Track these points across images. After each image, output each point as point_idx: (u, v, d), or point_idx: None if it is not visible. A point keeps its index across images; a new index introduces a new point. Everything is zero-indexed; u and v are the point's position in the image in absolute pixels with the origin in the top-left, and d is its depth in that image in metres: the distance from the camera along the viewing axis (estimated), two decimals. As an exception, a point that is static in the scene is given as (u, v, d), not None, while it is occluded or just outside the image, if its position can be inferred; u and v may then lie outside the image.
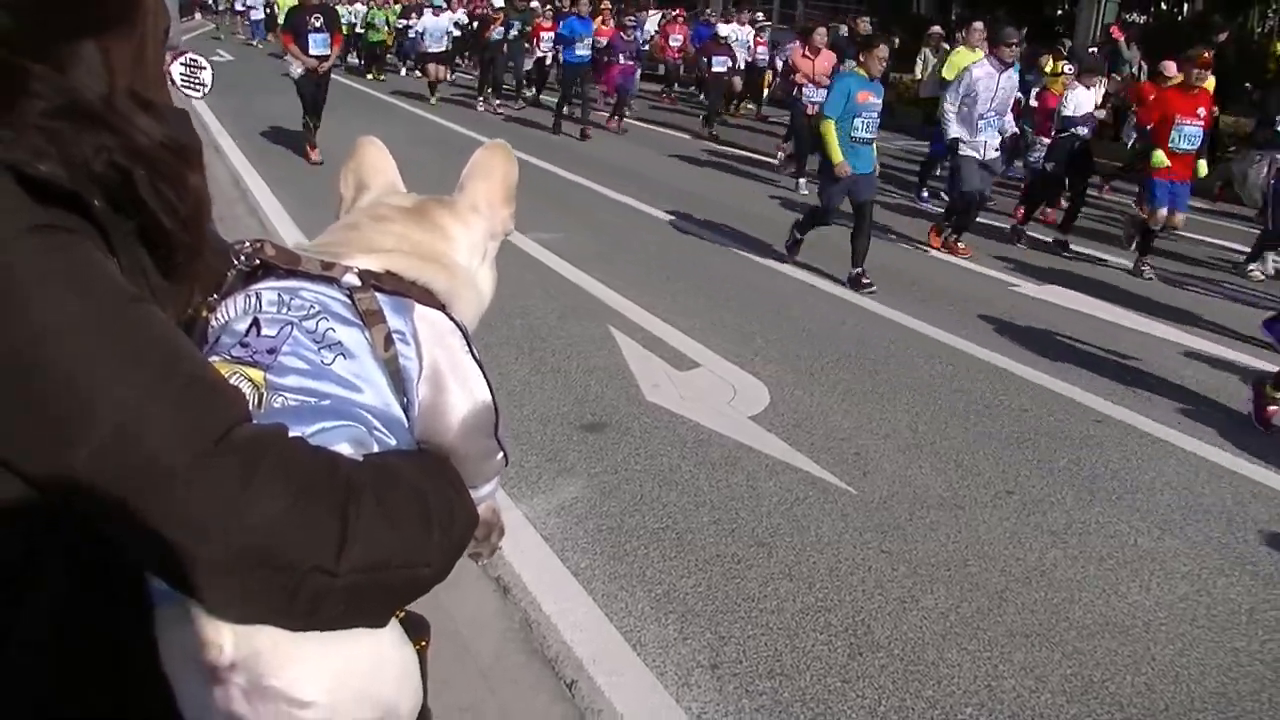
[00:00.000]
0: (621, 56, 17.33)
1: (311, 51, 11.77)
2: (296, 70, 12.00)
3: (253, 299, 1.03)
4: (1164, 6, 21.95)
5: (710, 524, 4.16)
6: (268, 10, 29.91)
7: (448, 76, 20.56)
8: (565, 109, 16.49)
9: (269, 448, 0.83)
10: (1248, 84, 14.58)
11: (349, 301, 1.04)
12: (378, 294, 1.06)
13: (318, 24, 11.86)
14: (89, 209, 0.79)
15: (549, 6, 20.55)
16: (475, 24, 20.94)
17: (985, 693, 3.24)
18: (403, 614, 1.11)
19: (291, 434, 0.88)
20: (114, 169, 0.82)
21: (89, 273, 0.78)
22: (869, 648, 3.42)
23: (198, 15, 42.99)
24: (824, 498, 4.44)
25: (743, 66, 18.73)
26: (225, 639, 0.84)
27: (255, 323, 1.01)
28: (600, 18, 19.36)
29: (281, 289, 1.04)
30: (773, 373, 5.92)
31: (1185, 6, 21.60)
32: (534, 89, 20.76)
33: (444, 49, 19.79)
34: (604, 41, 18.42)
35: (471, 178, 1.26)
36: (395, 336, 1.04)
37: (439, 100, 19.38)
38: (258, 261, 1.06)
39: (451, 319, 1.12)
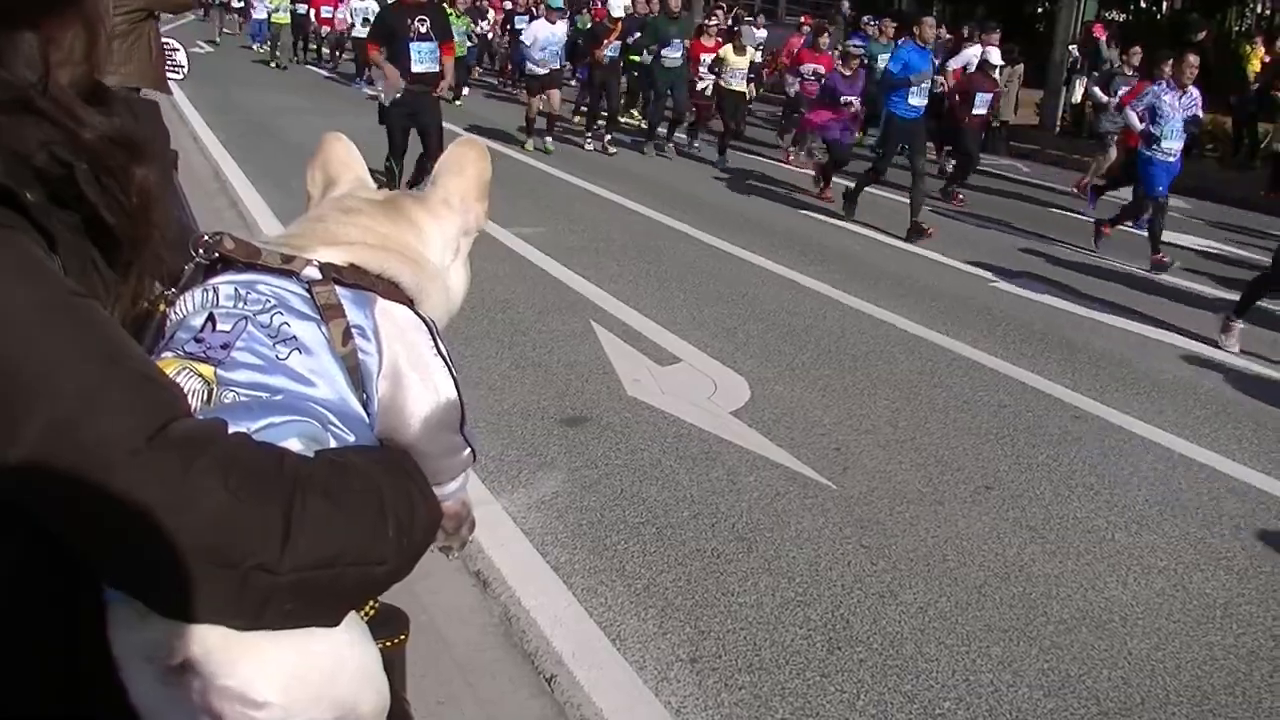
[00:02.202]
0: (845, 98, 11.47)
1: (414, 68, 8.76)
2: (387, 93, 8.87)
3: (209, 294, 1.02)
4: (1143, 5, 22.07)
5: (690, 519, 4.16)
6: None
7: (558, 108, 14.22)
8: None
9: (206, 444, 0.81)
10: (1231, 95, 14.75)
11: (307, 295, 1.03)
12: (338, 288, 1.05)
13: (423, 28, 8.72)
14: (23, 204, 0.78)
15: (714, 22, 15.26)
16: (579, 39, 16.57)
17: (963, 687, 3.25)
18: (375, 609, 1.10)
19: (236, 429, 0.87)
20: (55, 163, 0.80)
21: (26, 266, 0.76)
22: (848, 642, 3.43)
23: None
24: (804, 493, 4.45)
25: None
26: (176, 638, 0.83)
27: (211, 318, 1.00)
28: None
29: (239, 283, 1.03)
30: (753, 368, 5.92)
31: (1164, 5, 21.72)
32: (688, 131, 15.20)
33: (557, 68, 13.84)
34: (812, 71, 14.09)
35: (444, 173, 1.25)
36: (354, 331, 1.03)
37: (537, 146, 13.60)
38: (216, 255, 1.05)
39: (417, 314, 1.11)
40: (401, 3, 8.97)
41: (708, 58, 14.15)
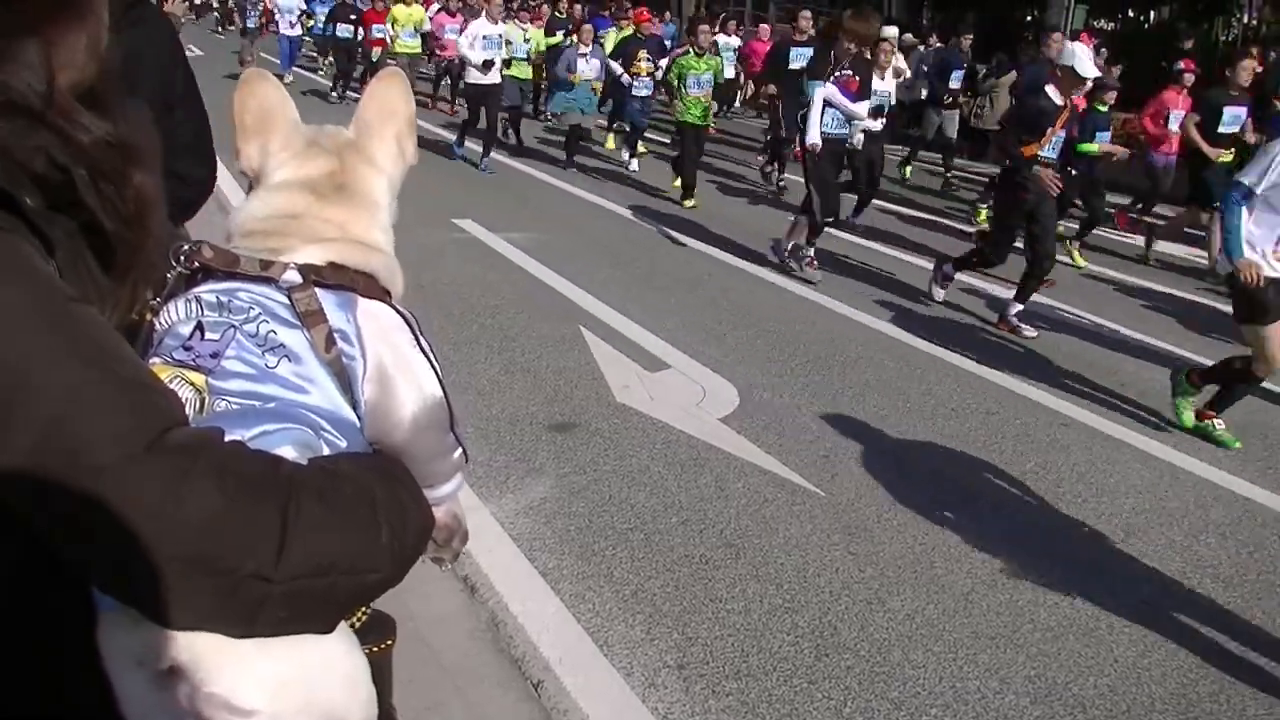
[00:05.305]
0: None
1: None
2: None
3: (194, 303, 1.02)
4: (1130, 14, 22.17)
5: (678, 525, 4.16)
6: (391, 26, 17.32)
7: None
8: None
9: (202, 451, 0.81)
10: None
11: (288, 302, 1.03)
12: (319, 290, 1.05)
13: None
14: (22, 208, 0.78)
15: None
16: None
17: (950, 694, 3.26)
18: (366, 616, 1.10)
19: (231, 437, 0.87)
20: (54, 169, 0.80)
21: (22, 269, 0.76)
22: (835, 649, 3.44)
23: (167, 6, 41.67)
24: (792, 499, 4.45)
25: None
26: (165, 644, 0.83)
27: (199, 326, 1.00)
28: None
29: (220, 291, 1.03)
30: (742, 374, 5.93)
31: (1152, 15, 21.82)
32: None
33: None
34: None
35: (381, 119, 1.23)
36: (337, 336, 1.03)
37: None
38: (195, 264, 1.05)
39: (398, 311, 1.11)
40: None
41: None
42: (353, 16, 17.66)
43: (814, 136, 8.07)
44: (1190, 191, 9.98)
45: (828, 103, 8.14)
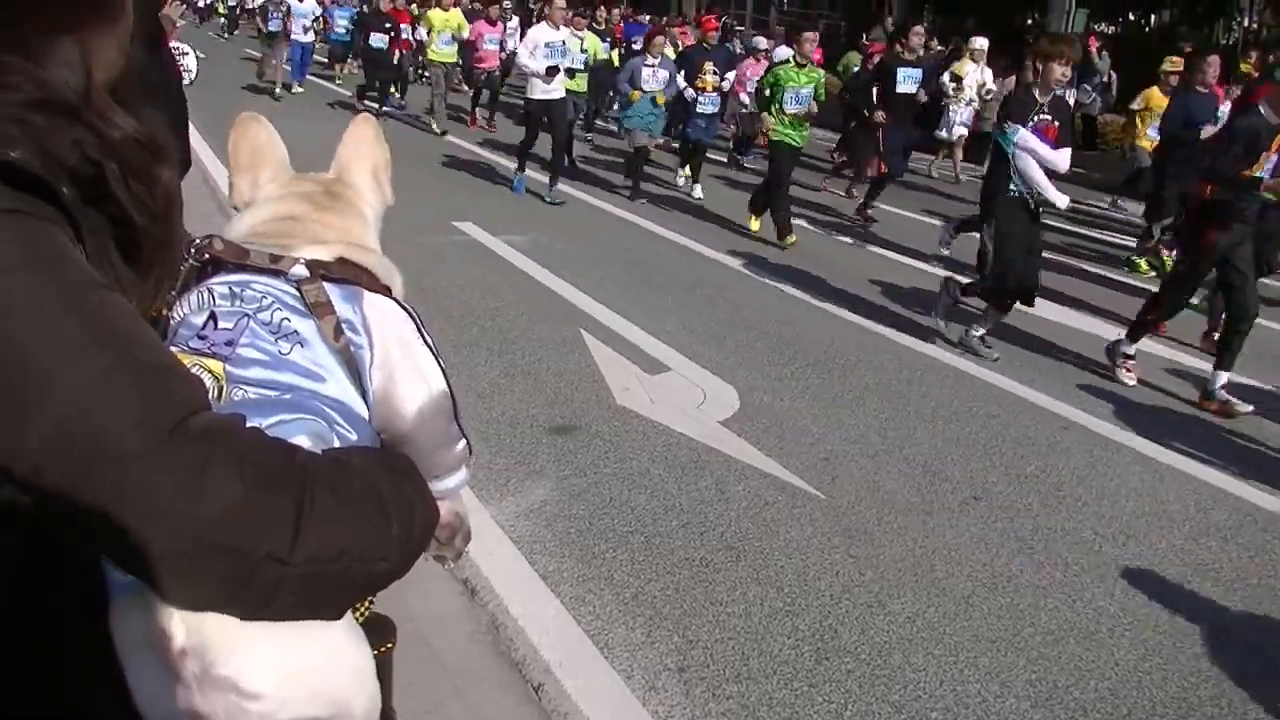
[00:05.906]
0: None
1: None
2: None
3: (205, 295, 1.05)
4: (1131, 17, 22.21)
5: (679, 528, 4.15)
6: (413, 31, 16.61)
7: None
8: None
9: (224, 436, 0.83)
10: None
11: (297, 294, 1.06)
12: (326, 284, 1.08)
13: None
14: (58, 197, 0.79)
15: None
16: None
17: (950, 697, 3.25)
18: (367, 613, 1.11)
19: (249, 425, 0.88)
20: (86, 162, 0.82)
21: (52, 256, 0.78)
22: (835, 652, 3.43)
23: (165, 8, 41.46)
24: (792, 502, 4.45)
25: None
26: (176, 626, 0.85)
27: (212, 316, 1.03)
28: None
29: (232, 283, 1.06)
30: (743, 377, 5.92)
31: (1152, 18, 21.87)
32: None
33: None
34: None
35: (356, 157, 1.30)
36: (344, 325, 1.06)
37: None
38: (207, 257, 1.07)
39: (402, 306, 1.14)
40: None
41: None
42: (387, 25, 15.86)
43: (1059, 197, 6.59)
44: None
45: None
